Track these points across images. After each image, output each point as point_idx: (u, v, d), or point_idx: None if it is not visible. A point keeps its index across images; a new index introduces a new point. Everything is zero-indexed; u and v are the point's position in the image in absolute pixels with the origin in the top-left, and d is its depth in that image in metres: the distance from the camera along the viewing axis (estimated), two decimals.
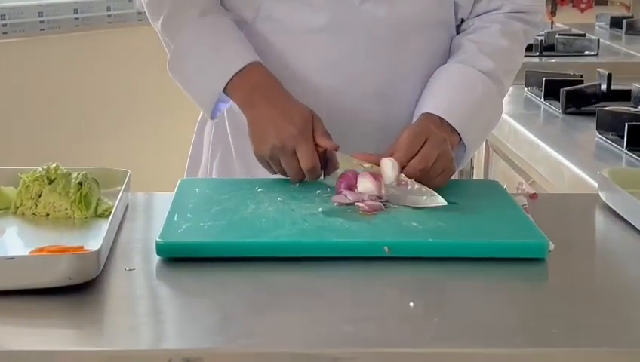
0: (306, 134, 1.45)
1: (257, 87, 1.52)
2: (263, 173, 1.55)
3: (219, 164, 1.69)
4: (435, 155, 1.45)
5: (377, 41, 1.57)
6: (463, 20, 1.66)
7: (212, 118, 1.62)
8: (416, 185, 1.41)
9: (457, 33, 1.66)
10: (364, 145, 1.50)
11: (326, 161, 1.47)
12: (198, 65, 1.56)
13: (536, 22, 1.67)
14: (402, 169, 1.43)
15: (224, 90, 1.53)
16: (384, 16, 1.56)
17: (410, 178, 1.42)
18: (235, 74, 1.52)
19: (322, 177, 1.47)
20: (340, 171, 1.45)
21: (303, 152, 1.44)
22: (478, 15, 1.64)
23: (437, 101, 1.54)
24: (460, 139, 1.55)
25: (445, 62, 1.61)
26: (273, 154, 1.46)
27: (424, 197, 1.40)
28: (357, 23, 1.56)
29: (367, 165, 1.44)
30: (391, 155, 1.44)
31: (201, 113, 1.72)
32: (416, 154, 1.44)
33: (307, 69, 1.57)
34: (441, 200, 1.39)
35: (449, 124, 1.52)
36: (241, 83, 1.52)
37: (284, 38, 1.58)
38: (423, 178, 1.43)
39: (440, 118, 1.52)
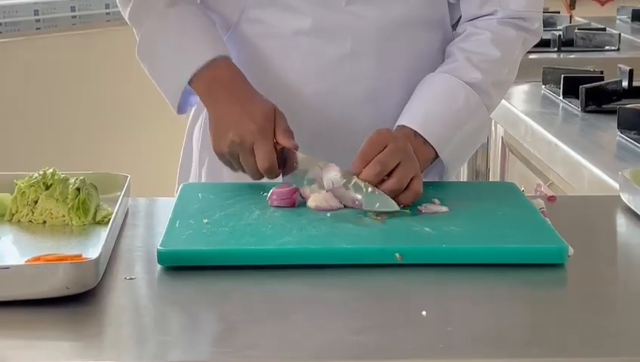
0: (265, 132, 1.45)
1: (220, 82, 1.53)
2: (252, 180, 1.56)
3: (207, 170, 1.69)
4: (394, 162, 1.41)
5: (364, 43, 1.57)
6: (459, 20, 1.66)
7: (180, 112, 1.63)
8: (370, 189, 1.39)
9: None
10: (354, 151, 1.46)
11: (285, 160, 1.47)
12: (164, 58, 1.58)
13: (533, 29, 1.63)
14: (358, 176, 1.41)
15: (189, 84, 1.55)
16: (370, 17, 1.56)
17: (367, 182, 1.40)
18: (199, 69, 1.53)
19: (281, 177, 1.47)
20: (300, 171, 1.45)
21: (260, 151, 1.44)
22: (470, 20, 1.62)
23: (413, 113, 1.54)
24: (436, 155, 1.54)
25: (438, 63, 1.60)
26: (232, 151, 1.47)
27: (377, 204, 1.38)
28: (343, 25, 1.57)
29: (328, 170, 1.43)
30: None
31: (190, 119, 1.73)
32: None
33: (294, 73, 1.57)
34: (394, 205, 1.38)
35: (423, 137, 1.51)
36: (203, 78, 1.53)
37: (270, 41, 1.59)
38: (391, 185, 1.40)
39: (414, 131, 1.51)
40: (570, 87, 2.47)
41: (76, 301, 1.12)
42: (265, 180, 1.48)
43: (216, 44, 1.55)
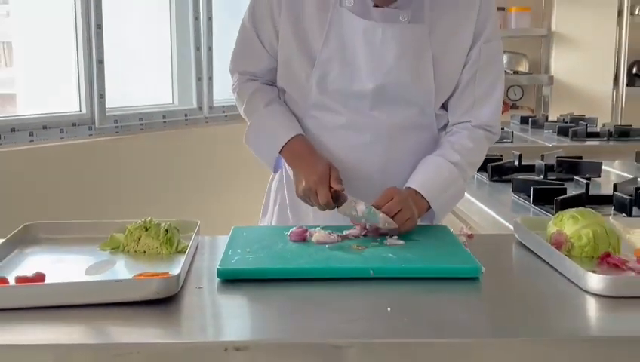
0: (323, 181, 1.48)
1: (296, 151, 1.57)
2: (306, 217, 1.59)
3: (278, 209, 1.71)
4: (398, 207, 1.45)
5: (379, 136, 1.58)
6: (446, 124, 1.65)
7: (274, 171, 1.67)
8: (381, 214, 1.43)
9: (444, 131, 1.66)
10: (369, 202, 1.49)
11: (338, 198, 1.49)
12: (263, 139, 1.62)
13: (495, 131, 1.64)
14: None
15: (279, 153, 1.59)
16: (384, 119, 1.57)
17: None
18: (284, 144, 1.57)
19: (336, 208, 1.49)
20: (346, 204, 1.47)
21: (320, 194, 1.48)
22: (454, 124, 1.63)
23: (415, 179, 1.56)
24: (429, 206, 1.55)
25: (428, 152, 1.61)
26: (305, 194, 1.51)
27: (386, 224, 1.42)
28: (366, 123, 1.57)
29: (359, 204, 1.46)
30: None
31: (271, 176, 1.76)
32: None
33: (334, 153, 1.58)
34: (393, 224, 1.42)
35: (421, 194, 1.53)
36: (286, 150, 1.58)
37: (320, 131, 1.60)
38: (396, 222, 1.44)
39: (415, 190, 1.53)
40: (481, 166, 2.47)
41: (164, 302, 1.12)
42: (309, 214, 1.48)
43: (294, 128, 1.59)
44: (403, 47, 1.52)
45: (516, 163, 2.52)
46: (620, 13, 4.68)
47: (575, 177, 2.24)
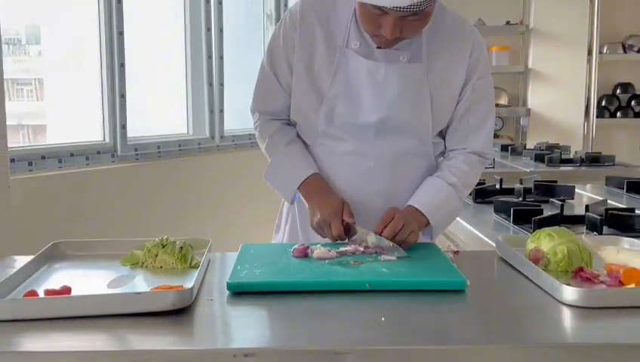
0: (336, 214, 1.50)
1: (312, 188, 1.58)
2: (315, 235, 1.58)
3: (289, 228, 1.72)
4: (400, 224, 1.47)
5: (382, 162, 1.59)
6: (442, 151, 1.67)
7: (291, 203, 1.67)
8: (392, 244, 1.44)
9: (441, 157, 1.67)
10: (372, 223, 1.51)
11: (349, 230, 1.50)
12: (283, 176, 1.63)
13: (487, 157, 1.66)
14: (380, 233, 1.47)
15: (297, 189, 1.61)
16: (386, 147, 1.58)
17: (387, 238, 1.46)
18: (301, 183, 1.59)
19: (347, 239, 1.51)
20: (357, 236, 1.49)
21: (333, 226, 1.49)
22: (452, 150, 1.65)
23: (416, 198, 1.57)
24: (428, 222, 1.56)
25: (425, 177, 1.62)
26: (319, 226, 1.52)
27: (395, 253, 1.42)
28: (371, 150, 1.58)
29: (370, 235, 1.47)
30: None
31: (281, 201, 1.76)
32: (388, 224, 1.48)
33: (340, 177, 1.59)
34: (403, 253, 1.41)
35: (421, 212, 1.55)
36: (303, 187, 1.59)
37: (328, 157, 1.61)
38: (398, 237, 1.46)
39: (416, 208, 1.55)
40: None
41: (178, 313, 1.12)
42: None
43: (311, 167, 1.60)
44: (403, 83, 1.54)
45: (497, 186, 2.52)
46: (589, 52, 4.72)
47: (551, 199, 2.24)
